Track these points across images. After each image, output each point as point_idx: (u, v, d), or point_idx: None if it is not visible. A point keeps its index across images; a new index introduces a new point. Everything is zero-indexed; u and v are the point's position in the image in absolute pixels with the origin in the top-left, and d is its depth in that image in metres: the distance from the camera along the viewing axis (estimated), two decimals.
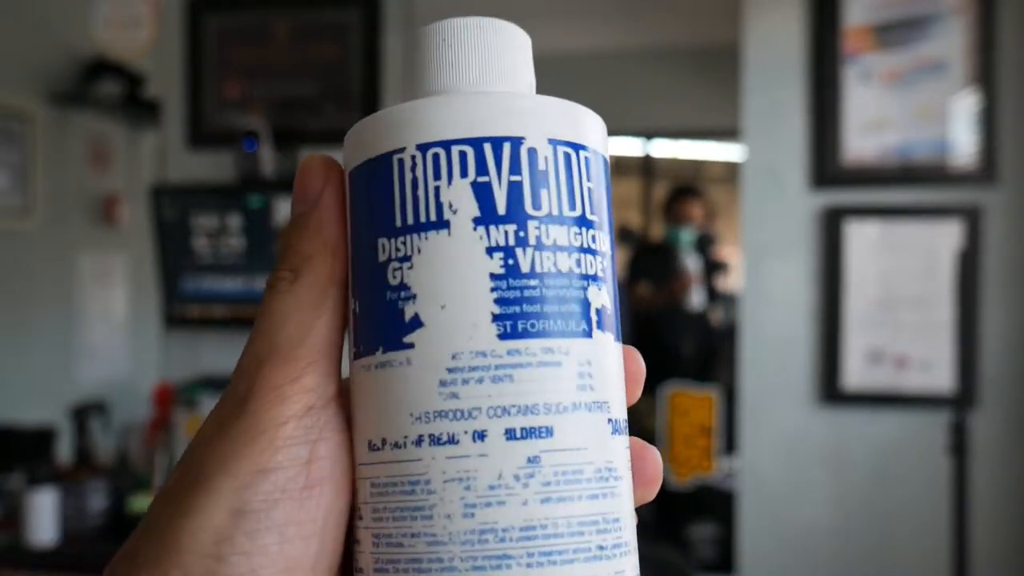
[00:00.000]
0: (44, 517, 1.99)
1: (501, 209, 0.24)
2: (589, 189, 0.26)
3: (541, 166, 0.25)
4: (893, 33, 2.09)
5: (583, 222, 0.25)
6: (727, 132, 3.43)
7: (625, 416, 0.26)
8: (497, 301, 0.24)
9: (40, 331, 2.96)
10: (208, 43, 2.46)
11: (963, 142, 2.05)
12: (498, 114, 0.25)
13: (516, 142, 0.25)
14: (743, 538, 2.19)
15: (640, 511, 0.28)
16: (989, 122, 2.04)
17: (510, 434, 0.23)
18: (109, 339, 3.24)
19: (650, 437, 2.89)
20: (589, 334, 0.24)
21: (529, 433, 0.23)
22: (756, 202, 2.18)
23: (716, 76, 3.93)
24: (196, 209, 2.35)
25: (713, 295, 3.47)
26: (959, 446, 1.69)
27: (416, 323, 0.24)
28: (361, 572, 0.24)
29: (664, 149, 5.00)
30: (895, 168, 2.08)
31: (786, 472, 2.16)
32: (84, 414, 2.44)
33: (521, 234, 0.24)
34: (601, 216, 0.26)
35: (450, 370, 0.24)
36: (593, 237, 0.25)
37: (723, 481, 2.85)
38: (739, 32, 2.18)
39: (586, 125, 0.27)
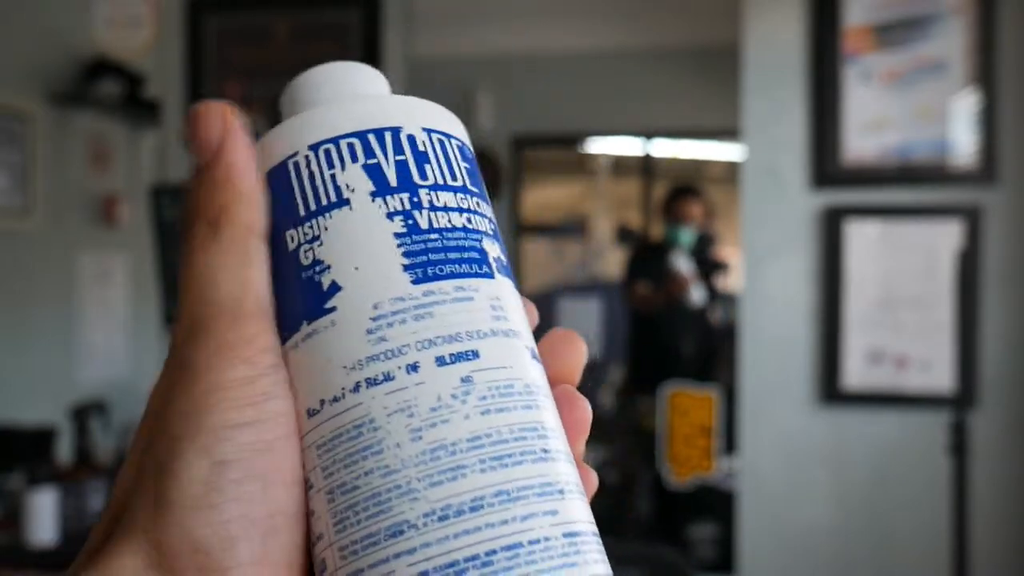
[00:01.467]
0: (44, 517, 1.99)
1: (393, 182, 0.27)
2: (465, 168, 0.28)
3: (420, 148, 0.27)
4: (893, 33, 2.09)
5: (465, 190, 0.28)
6: (727, 132, 3.44)
7: (535, 347, 0.28)
8: (405, 254, 0.26)
9: (40, 331, 2.96)
10: (208, 43, 2.46)
11: (963, 142, 2.05)
12: (376, 111, 0.28)
13: (395, 131, 0.27)
14: (743, 538, 2.19)
15: (641, 511, 0.28)
16: (989, 122, 2.04)
17: (440, 361, 0.25)
18: (109, 339, 3.24)
19: (650, 437, 2.90)
20: (492, 276, 0.27)
21: (458, 358, 0.25)
22: (756, 202, 2.18)
23: (716, 76, 3.93)
24: None
25: (713, 294, 3.47)
26: (959, 446, 1.69)
27: (334, 288, 0.26)
28: (321, 538, 0.24)
29: (664, 149, 5.00)
30: (895, 168, 2.08)
31: (786, 472, 2.16)
32: (84, 414, 2.44)
33: (415, 199, 0.27)
34: (481, 191, 0.29)
35: (373, 319, 0.25)
36: (477, 203, 0.28)
37: (723, 481, 2.85)
38: (739, 32, 2.18)
39: (453, 122, 0.30)
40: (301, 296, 0.26)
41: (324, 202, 0.26)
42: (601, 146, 5.06)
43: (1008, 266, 2.05)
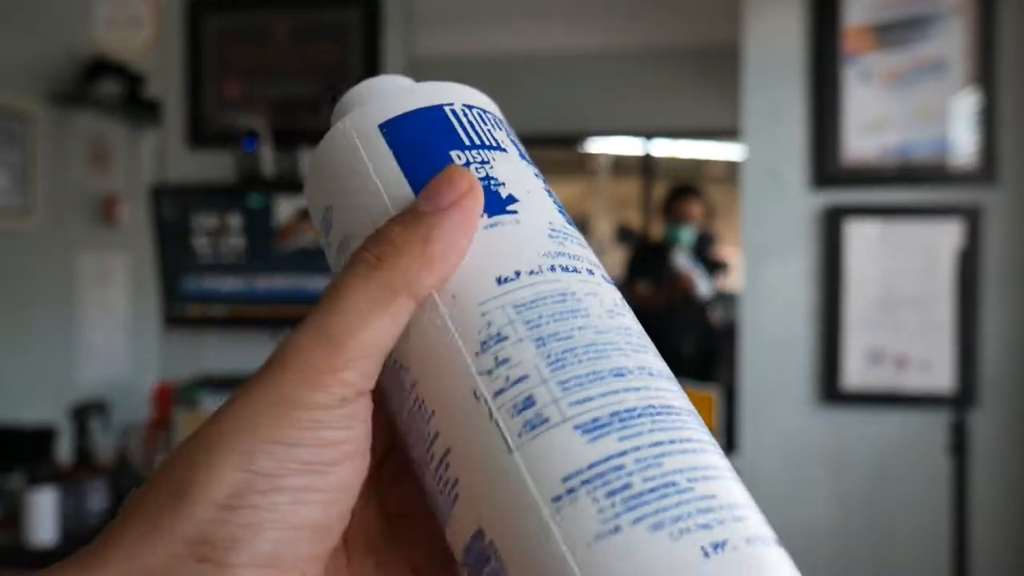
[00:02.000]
0: (44, 517, 1.99)
1: (525, 154, 0.32)
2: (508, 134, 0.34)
3: (514, 133, 0.33)
4: (893, 33, 2.09)
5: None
6: (727, 132, 3.44)
7: None
8: (553, 203, 0.30)
9: (40, 331, 2.96)
10: (208, 43, 2.46)
11: (963, 142, 2.05)
12: (483, 96, 0.33)
13: (496, 117, 0.33)
14: None
15: None
16: (989, 122, 2.04)
17: (605, 279, 0.29)
18: (109, 339, 3.24)
19: None
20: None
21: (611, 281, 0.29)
22: (756, 202, 2.18)
23: (716, 76, 3.93)
24: (196, 209, 2.35)
25: (713, 293, 3.47)
26: (959, 446, 1.69)
27: (511, 199, 0.29)
28: (525, 378, 0.25)
29: (664, 149, 5.00)
30: (895, 168, 2.08)
31: (786, 472, 2.16)
32: (84, 414, 2.44)
33: (536, 173, 0.31)
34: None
35: (552, 230, 0.29)
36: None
37: None
38: (739, 32, 2.18)
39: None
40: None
41: (487, 142, 0.30)
42: (601, 146, 5.06)
43: (1008, 266, 2.05)
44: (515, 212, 0.28)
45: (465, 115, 0.30)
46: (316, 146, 0.31)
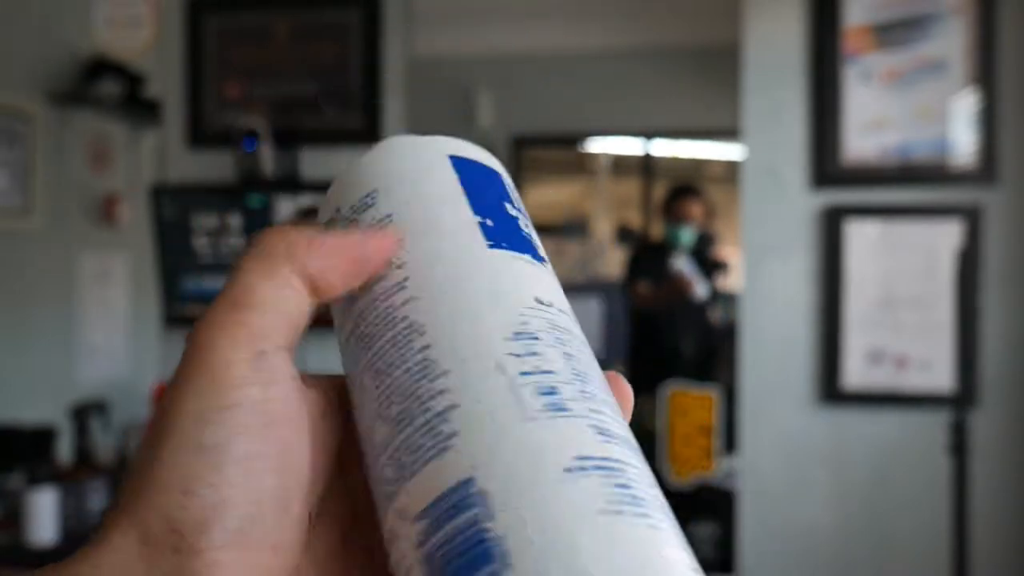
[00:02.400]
0: (44, 517, 1.99)
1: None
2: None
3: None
4: (893, 33, 2.09)
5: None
6: (727, 132, 3.44)
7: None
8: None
9: (40, 331, 2.97)
10: (208, 43, 2.46)
11: (963, 142, 2.05)
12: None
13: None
14: (743, 538, 2.19)
15: None
16: (989, 122, 2.04)
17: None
18: (109, 339, 3.24)
19: (650, 437, 2.90)
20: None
21: None
22: (756, 202, 2.18)
23: (716, 76, 3.93)
24: (196, 209, 2.35)
25: (714, 293, 3.47)
26: (959, 446, 1.69)
27: (544, 260, 0.32)
28: (553, 373, 0.26)
29: (664, 149, 5.00)
30: (895, 168, 2.08)
31: (786, 472, 2.16)
32: (84, 414, 2.44)
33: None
34: None
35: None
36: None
37: (723, 481, 2.85)
38: (739, 32, 2.18)
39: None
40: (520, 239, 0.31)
41: (525, 210, 0.32)
42: (601, 146, 5.06)
43: (1008, 266, 2.05)
44: (546, 263, 0.30)
45: (511, 183, 0.33)
46: (376, 144, 0.33)
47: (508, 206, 0.31)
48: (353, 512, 0.29)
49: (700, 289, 3.32)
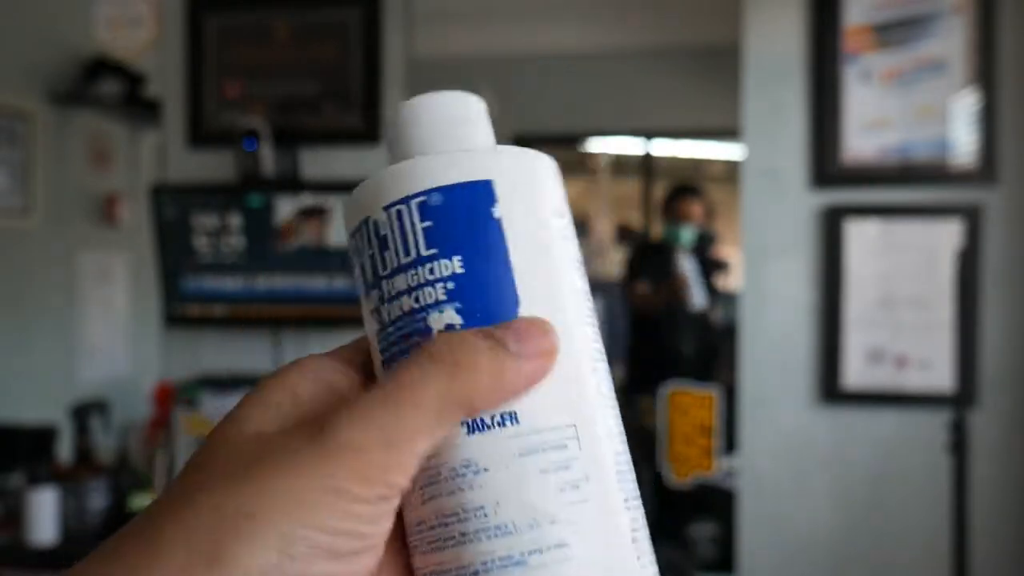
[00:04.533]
0: (44, 516, 1.99)
1: (370, 279, 0.30)
2: (424, 228, 0.29)
3: (382, 232, 0.30)
4: (893, 32, 2.09)
5: (418, 262, 0.29)
6: (727, 132, 3.44)
7: (501, 409, 0.29)
8: (381, 351, 0.30)
9: (40, 331, 2.96)
10: (208, 43, 2.46)
11: (963, 142, 2.05)
12: (356, 201, 0.31)
13: (364, 221, 0.30)
14: (743, 537, 2.19)
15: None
16: (989, 122, 2.04)
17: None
18: (109, 338, 3.24)
19: (650, 436, 2.90)
20: None
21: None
22: (756, 202, 2.18)
23: (716, 76, 3.93)
24: (196, 208, 2.35)
25: (714, 294, 3.46)
26: (959, 445, 1.69)
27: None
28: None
29: (664, 149, 5.00)
30: (895, 168, 2.08)
31: (786, 471, 2.16)
32: (84, 413, 2.44)
33: (381, 294, 0.30)
34: (444, 244, 0.29)
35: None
36: (431, 269, 0.29)
37: (723, 480, 2.85)
38: (739, 32, 2.18)
39: (433, 170, 0.30)
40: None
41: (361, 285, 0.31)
42: (601, 146, 5.06)
43: (1008, 266, 2.05)
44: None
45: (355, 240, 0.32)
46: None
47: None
48: None
49: (697, 296, 3.32)
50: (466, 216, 0.29)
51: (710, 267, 3.49)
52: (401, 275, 0.29)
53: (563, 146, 5.07)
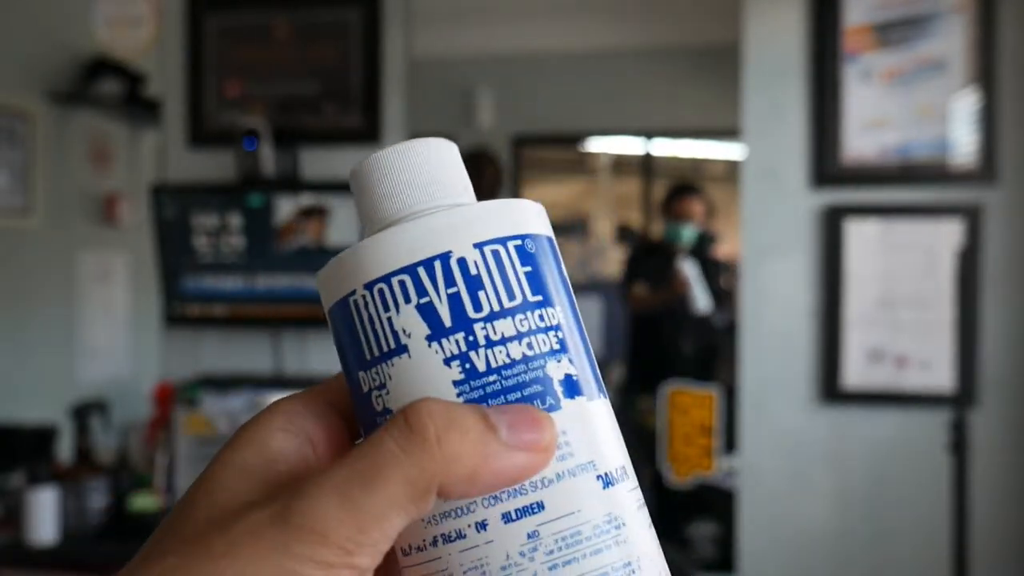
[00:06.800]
0: (44, 516, 1.99)
1: (447, 321, 0.27)
2: (527, 273, 0.28)
3: (473, 272, 0.27)
4: (893, 32, 2.09)
5: (525, 306, 0.27)
6: (727, 132, 3.44)
7: (620, 462, 0.28)
8: (466, 403, 0.26)
9: (40, 331, 2.97)
10: (208, 43, 2.46)
11: (963, 141, 2.05)
12: (423, 236, 0.27)
13: (445, 258, 0.27)
14: (743, 537, 2.19)
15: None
16: (989, 121, 2.04)
17: (506, 517, 0.26)
18: (109, 338, 3.25)
19: (650, 436, 2.90)
20: (558, 406, 0.27)
21: (523, 512, 0.26)
22: (756, 202, 2.18)
23: (716, 76, 3.93)
24: (196, 208, 2.35)
25: (718, 297, 3.45)
26: (959, 444, 1.69)
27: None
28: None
29: (664, 149, 5.00)
30: (895, 167, 2.08)
31: (786, 471, 2.16)
32: (84, 413, 2.44)
33: (470, 338, 0.27)
34: (547, 292, 0.28)
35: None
36: (540, 316, 0.27)
37: (723, 480, 2.85)
38: (739, 32, 2.18)
39: (513, 215, 0.28)
40: None
41: (385, 348, 0.27)
42: (601, 146, 5.06)
43: (1008, 266, 2.05)
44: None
45: (370, 303, 0.28)
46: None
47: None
48: None
49: (701, 300, 3.31)
50: (556, 266, 0.28)
51: (710, 267, 3.48)
52: (505, 319, 0.27)
53: (563, 146, 5.07)
